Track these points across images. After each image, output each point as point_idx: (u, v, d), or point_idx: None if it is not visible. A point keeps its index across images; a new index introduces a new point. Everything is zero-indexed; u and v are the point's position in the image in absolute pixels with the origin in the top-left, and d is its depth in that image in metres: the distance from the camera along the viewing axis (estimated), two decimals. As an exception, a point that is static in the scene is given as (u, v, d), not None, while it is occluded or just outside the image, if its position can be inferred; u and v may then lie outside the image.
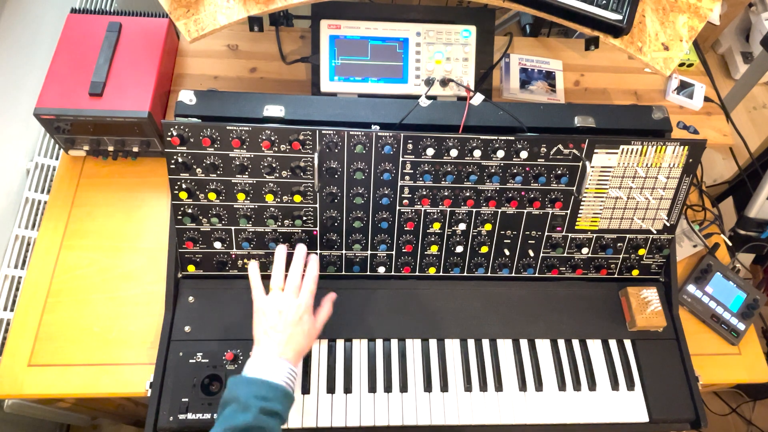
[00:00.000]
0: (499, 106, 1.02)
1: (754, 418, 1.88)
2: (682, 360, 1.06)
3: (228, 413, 0.77)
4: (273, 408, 0.78)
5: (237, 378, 0.81)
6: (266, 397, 0.78)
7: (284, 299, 0.89)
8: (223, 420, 0.77)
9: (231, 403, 0.78)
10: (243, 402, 0.77)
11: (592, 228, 1.08)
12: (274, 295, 0.90)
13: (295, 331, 0.87)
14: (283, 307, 0.88)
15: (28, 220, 1.18)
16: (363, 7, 1.17)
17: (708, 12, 1.05)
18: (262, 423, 0.76)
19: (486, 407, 0.99)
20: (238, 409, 0.77)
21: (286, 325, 0.86)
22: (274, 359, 0.84)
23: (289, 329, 0.86)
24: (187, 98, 0.98)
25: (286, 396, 0.81)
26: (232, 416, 0.76)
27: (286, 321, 0.87)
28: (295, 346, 0.86)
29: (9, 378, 0.97)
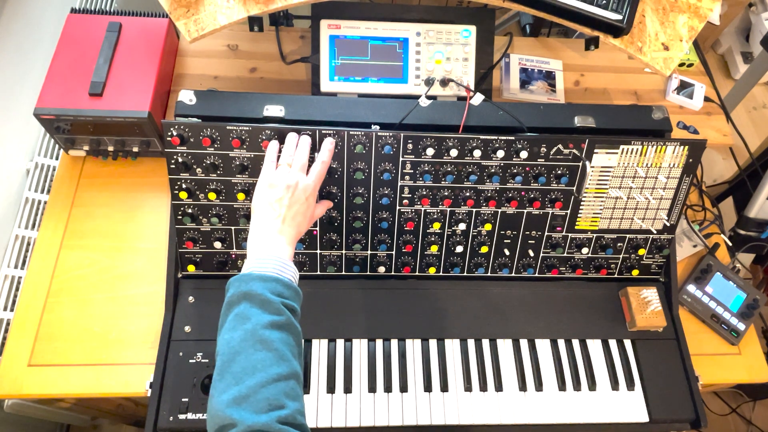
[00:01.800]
0: (499, 106, 1.02)
1: (754, 418, 1.88)
2: (682, 360, 1.06)
3: (244, 311, 0.71)
4: (292, 305, 0.74)
5: (244, 275, 0.75)
6: (283, 293, 0.74)
7: (294, 175, 0.86)
8: (240, 319, 0.70)
9: (241, 302, 0.72)
10: (261, 298, 0.71)
11: (592, 228, 1.08)
12: (284, 170, 0.86)
13: (300, 209, 0.84)
14: (292, 181, 0.85)
15: (28, 220, 1.18)
16: (363, 7, 1.17)
17: (708, 12, 1.05)
18: (290, 320, 0.72)
19: (486, 407, 0.99)
20: (256, 305, 0.71)
21: (292, 201, 0.83)
22: (276, 251, 0.79)
23: (295, 206, 0.83)
24: (187, 98, 0.98)
25: (298, 294, 0.77)
26: (255, 313, 0.70)
27: (293, 196, 0.84)
28: (297, 226, 0.84)
29: (9, 378, 0.97)
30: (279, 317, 0.71)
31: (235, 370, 0.67)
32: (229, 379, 0.67)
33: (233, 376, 0.67)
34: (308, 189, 0.86)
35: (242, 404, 0.64)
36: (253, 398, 0.64)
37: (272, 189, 0.85)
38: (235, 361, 0.68)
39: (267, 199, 0.84)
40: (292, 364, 0.69)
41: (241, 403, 0.64)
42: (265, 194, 0.85)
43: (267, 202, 0.84)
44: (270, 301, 0.72)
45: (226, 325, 0.72)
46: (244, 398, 0.64)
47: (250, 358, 0.68)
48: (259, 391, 0.65)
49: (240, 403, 0.64)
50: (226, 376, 0.67)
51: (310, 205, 0.87)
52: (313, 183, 0.88)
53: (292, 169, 0.87)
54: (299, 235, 0.85)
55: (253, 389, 0.65)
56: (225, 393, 0.65)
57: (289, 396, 0.66)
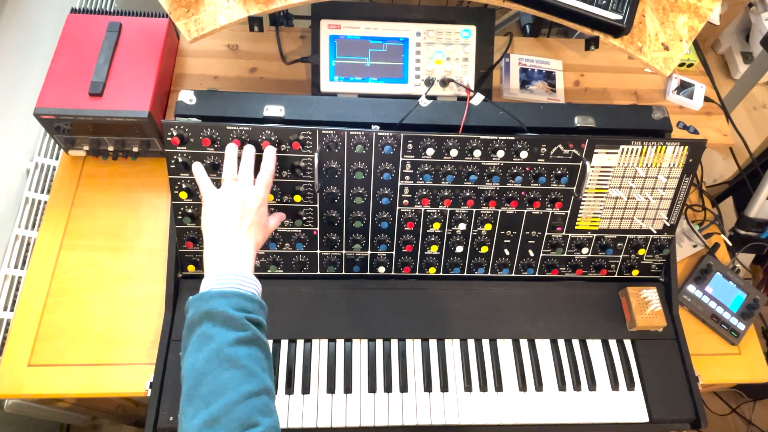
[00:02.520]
0: (499, 106, 1.02)
1: (754, 418, 1.88)
2: (682, 360, 1.06)
3: (206, 331, 0.68)
4: (257, 318, 0.71)
5: (203, 294, 0.72)
6: (246, 308, 0.71)
7: (241, 187, 0.83)
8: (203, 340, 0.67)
9: (203, 322, 0.68)
10: (224, 316, 0.68)
11: (592, 228, 1.08)
12: (229, 184, 0.83)
13: (254, 219, 0.80)
14: (241, 194, 0.81)
15: (28, 220, 1.18)
16: (363, 7, 1.17)
17: (708, 12, 1.05)
18: (256, 334, 0.69)
19: (486, 407, 0.99)
20: (219, 323, 0.68)
21: (245, 212, 0.80)
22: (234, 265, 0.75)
23: (249, 216, 0.80)
24: (187, 98, 0.98)
25: (262, 307, 0.74)
26: (218, 332, 0.67)
27: (245, 207, 0.80)
28: (254, 236, 0.80)
29: (9, 378, 0.97)
30: (244, 333, 0.68)
31: (203, 392, 0.64)
32: (198, 402, 0.64)
33: (202, 399, 0.64)
34: (258, 198, 0.83)
35: (214, 427, 0.61)
36: (225, 419, 0.61)
37: (222, 203, 0.81)
38: (202, 383, 0.65)
39: (218, 213, 0.80)
40: (262, 380, 0.67)
41: (213, 425, 0.61)
42: (215, 209, 0.81)
43: (219, 217, 0.80)
44: (233, 317, 0.69)
45: (189, 347, 0.69)
46: (215, 420, 0.61)
47: (218, 378, 0.65)
48: (230, 411, 0.62)
49: (211, 426, 0.61)
50: (194, 401, 0.64)
51: (262, 215, 0.84)
52: (263, 192, 0.85)
53: (239, 182, 0.84)
54: (257, 246, 0.82)
55: (223, 410, 0.62)
56: (195, 418, 0.62)
57: (262, 412, 0.64)
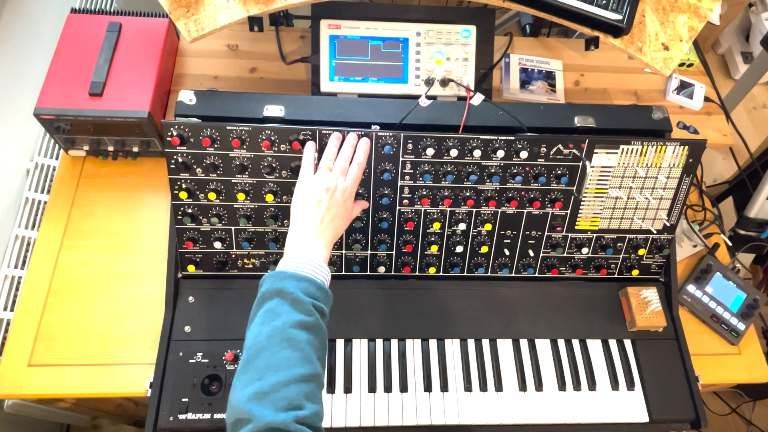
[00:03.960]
0: (499, 106, 1.02)
1: (754, 418, 1.88)
2: (682, 360, 1.06)
3: (275, 307, 0.72)
4: (322, 307, 0.75)
5: (280, 272, 0.77)
6: (314, 295, 0.75)
7: (333, 178, 0.87)
8: (270, 315, 0.72)
9: (274, 297, 0.73)
10: (293, 296, 0.73)
11: (592, 228, 1.08)
12: (323, 173, 0.88)
13: (338, 212, 0.86)
14: (331, 185, 0.86)
15: (28, 220, 1.18)
16: (363, 7, 1.17)
17: (708, 12, 1.05)
18: (319, 322, 0.73)
19: (486, 407, 0.99)
20: (288, 303, 0.72)
21: (331, 204, 0.85)
22: (312, 253, 0.80)
23: (334, 208, 0.85)
24: (187, 98, 0.98)
25: (329, 297, 0.78)
26: (286, 311, 0.72)
27: (332, 199, 0.85)
28: (335, 228, 0.86)
29: (9, 378, 0.97)
30: (308, 318, 0.72)
31: (260, 365, 0.68)
32: (252, 373, 0.67)
33: (257, 370, 0.67)
34: (347, 191, 0.87)
35: (263, 400, 0.64)
36: (274, 395, 0.65)
37: (312, 191, 0.86)
38: (260, 356, 0.69)
39: (306, 201, 0.85)
40: (315, 366, 0.70)
41: (262, 399, 0.64)
42: (305, 196, 0.86)
43: (306, 204, 0.85)
44: (301, 300, 0.73)
45: (256, 320, 0.73)
46: (264, 394, 0.65)
47: (276, 355, 0.68)
48: (280, 390, 0.65)
49: (260, 399, 0.64)
50: (249, 370, 0.68)
51: (347, 207, 0.88)
52: (351, 185, 0.89)
53: (332, 173, 0.88)
54: (336, 236, 0.87)
55: (274, 387, 0.65)
56: (247, 387, 0.66)
57: (309, 398, 0.67)
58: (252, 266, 1.05)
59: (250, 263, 1.04)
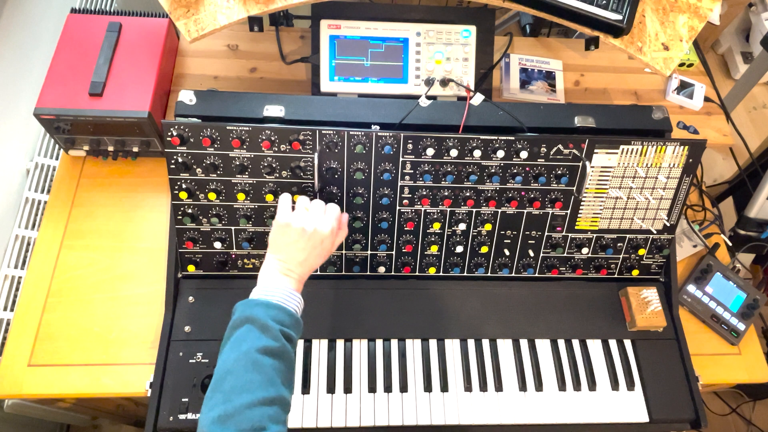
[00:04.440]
0: (499, 106, 1.02)
1: (754, 418, 1.88)
2: (682, 360, 1.06)
3: (244, 334, 0.74)
4: (290, 334, 0.76)
5: (250, 300, 0.79)
6: (283, 321, 0.76)
7: (310, 218, 0.86)
8: (239, 341, 0.74)
9: (244, 324, 0.75)
10: (262, 323, 0.74)
11: (592, 228, 1.08)
12: (300, 212, 0.87)
13: (314, 252, 0.86)
14: (309, 227, 0.85)
15: (28, 220, 1.18)
16: (363, 7, 1.17)
17: (708, 12, 1.05)
18: (285, 348, 0.75)
19: (486, 407, 0.99)
20: (256, 329, 0.74)
21: (306, 245, 0.84)
22: (285, 283, 0.82)
23: (308, 250, 0.85)
24: (187, 98, 0.98)
25: (299, 324, 0.80)
26: (253, 337, 0.73)
27: (308, 242, 0.85)
28: (310, 265, 0.86)
29: (9, 378, 0.97)
30: (275, 343, 0.74)
31: (225, 388, 0.70)
32: (218, 396, 0.70)
33: (223, 394, 0.70)
34: (323, 234, 0.86)
35: (226, 423, 0.67)
36: (238, 418, 0.67)
37: (287, 229, 0.85)
38: (226, 379, 0.71)
39: (281, 240, 0.85)
40: (279, 390, 0.72)
41: (226, 421, 0.67)
42: (280, 234, 0.86)
43: (282, 243, 0.85)
44: (269, 327, 0.75)
45: (226, 346, 0.75)
46: (229, 417, 0.67)
47: (241, 378, 0.70)
48: (243, 412, 0.67)
49: (224, 421, 0.67)
50: (216, 394, 0.70)
51: (325, 247, 0.87)
52: (330, 229, 0.87)
53: (309, 213, 0.87)
54: (312, 270, 0.87)
55: (238, 409, 0.67)
56: (212, 410, 0.68)
57: (273, 420, 0.68)
58: (252, 266, 1.05)
59: (250, 263, 1.04)
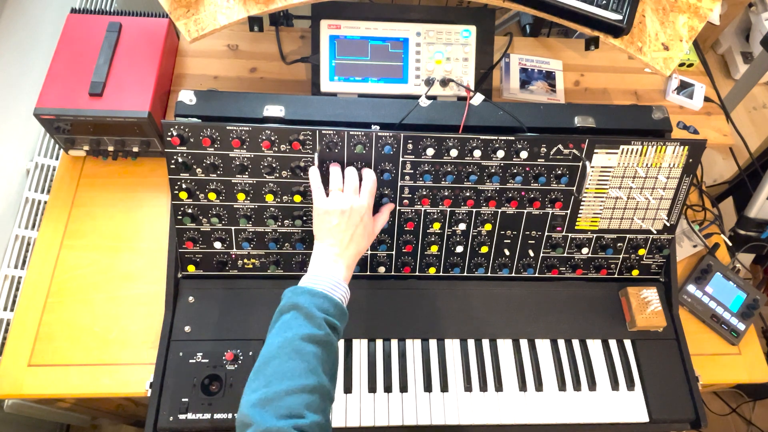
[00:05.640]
0: (499, 106, 1.02)
1: (754, 418, 1.88)
2: (682, 360, 1.06)
3: (289, 320, 0.76)
4: (335, 323, 0.77)
5: (298, 288, 0.81)
6: (328, 311, 0.78)
7: (346, 199, 0.89)
8: (284, 327, 0.76)
9: (290, 311, 0.77)
10: (307, 311, 0.76)
11: (592, 228, 1.08)
12: (335, 195, 0.89)
13: (357, 231, 0.87)
14: (346, 206, 0.87)
15: (28, 220, 1.18)
16: (363, 7, 1.17)
17: (708, 12, 1.05)
18: (329, 337, 0.76)
19: (486, 407, 0.99)
20: (301, 317, 0.76)
21: (348, 225, 0.87)
22: (332, 271, 0.83)
23: (351, 229, 0.87)
24: (187, 98, 0.98)
25: (344, 314, 0.81)
26: (298, 324, 0.75)
27: (349, 221, 0.87)
28: (357, 247, 0.88)
29: (9, 378, 0.97)
30: (319, 332, 0.75)
31: (267, 373, 0.72)
32: (261, 380, 0.71)
33: (265, 378, 0.71)
34: (362, 209, 0.89)
35: (265, 407, 0.68)
36: (277, 403, 0.68)
37: (327, 216, 0.87)
38: (269, 364, 0.72)
39: (324, 226, 0.87)
40: (321, 378, 0.72)
41: (265, 405, 0.68)
42: (322, 222, 0.88)
43: (325, 229, 0.87)
44: (314, 315, 0.76)
45: (272, 331, 0.77)
46: (268, 401, 0.68)
47: (283, 364, 0.72)
48: (283, 398, 0.68)
49: (264, 405, 0.68)
50: (259, 377, 0.72)
51: (366, 224, 0.89)
52: (367, 203, 0.90)
53: (344, 194, 0.90)
54: (360, 254, 0.89)
55: (278, 394, 0.68)
56: (254, 393, 0.70)
57: (311, 408, 0.69)
58: (252, 266, 1.05)
59: (250, 263, 1.04)
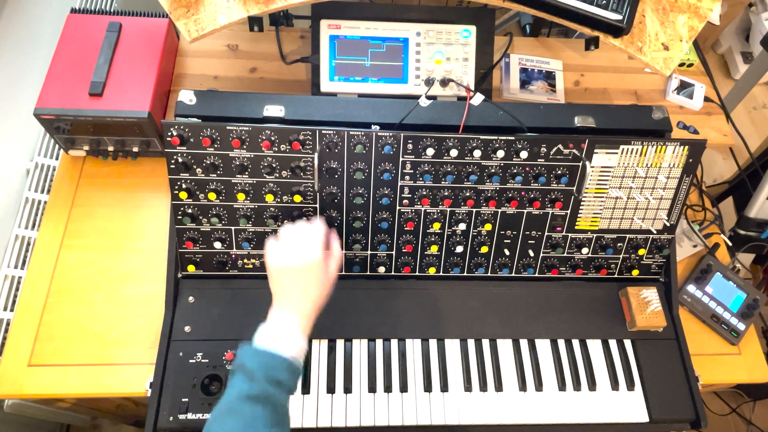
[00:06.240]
0: (499, 106, 1.02)
1: (754, 418, 1.88)
2: (682, 360, 1.06)
3: (233, 381, 0.77)
4: (277, 377, 0.77)
5: (246, 347, 0.80)
6: (271, 366, 0.77)
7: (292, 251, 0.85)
8: (230, 388, 0.77)
9: (238, 371, 0.78)
10: (248, 370, 0.77)
11: (592, 228, 1.08)
12: (282, 248, 0.86)
13: (309, 283, 0.84)
14: (291, 259, 0.84)
15: (28, 220, 1.18)
16: (363, 7, 1.17)
17: (708, 12, 1.05)
18: (267, 391, 0.75)
19: (486, 407, 0.99)
20: (244, 377, 0.76)
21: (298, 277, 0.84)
22: (284, 326, 0.81)
23: (301, 281, 0.84)
24: (187, 98, 0.98)
25: (290, 367, 0.79)
26: (239, 384, 0.76)
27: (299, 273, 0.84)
28: (312, 298, 0.84)
29: (9, 378, 0.97)
30: (257, 390, 0.74)
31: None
32: None
33: None
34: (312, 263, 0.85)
35: None
36: None
37: (277, 272, 0.85)
38: (211, 428, 0.72)
39: (277, 284, 0.85)
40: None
41: None
42: (273, 278, 0.85)
43: (278, 286, 0.85)
44: (254, 373, 0.75)
45: (224, 392, 0.77)
46: None
47: (222, 426, 0.72)
48: None
49: None
50: None
51: (317, 275, 0.85)
52: (317, 258, 0.86)
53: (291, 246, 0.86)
54: (316, 303, 0.85)
55: None
56: None
57: None
58: (252, 266, 1.05)
59: (250, 263, 1.04)
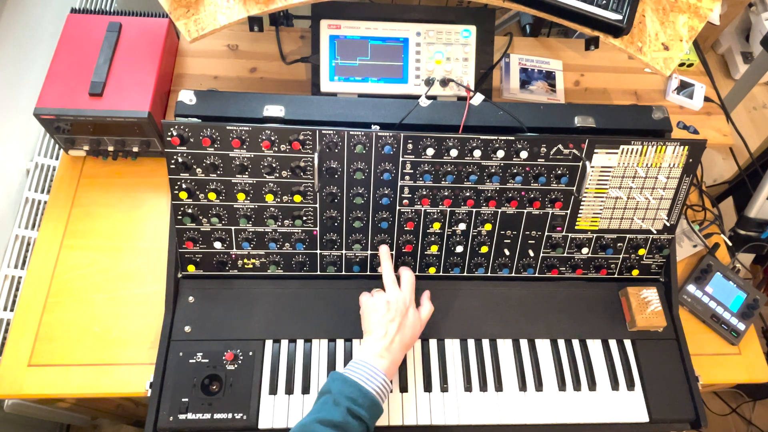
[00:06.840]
0: (499, 106, 1.02)
1: (754, 418, 1.88)
2: (682, 360, 1.06)
3: (321, 404, 0.82)
4: (359, 412, 0.81)
5: (338, 374, 0.86)
6: (356, 400, 0.82)
7: (388, 293, 0.96)
8: (316, 409, 0.82)
9: (325, 394, 0.83)
10: (334, 397, 0.82)
11: (592, 228, 1.08)
12: (377, 293, 0.97)
13: (404, 322, 0.93)
14: (390, 298, 0.95)
15: (28, 220, 1.18)
16: (363, 7, 1.17)
17: (708, 12, 1.05)
18: (348, 423, 0.80)
19: (486, 407, 0.99)
20: (329, 402, 0.81)
21: (395, 314, 0.93)
22: (373, 363, 0.87)
23: (398, 319, 0.92)
24: (187, 98, 0.98)
25: (373, 405, 0.84)
26: (324, 408, 0.81)
27: (395, 310, 0.93)
28: (402, 338, 0.92)
29: (9, 378, 0.97)
30: (338, 418, 0.79)
31: None
32: None
33: None
34: (405, 300, 0.95)
35: None
36: None
37: (375, 311, 0.94)
38: None
39: (371, 319, 0.93)
40: None
41: None
42: (369, 314, 0.94)
43: (372, 322, 0.93)
44: (339, 402, 0.81)
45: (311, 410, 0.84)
46: None
47: None
48: None
49: None
50: None
51: (411, 315, 0.95)
52: (408, 295, 0.96)
53: (386, 290, 0.97)
54: (407, 346, 0.93)
55: None
56: None
57: None
58: (252, 266, 1.05)
59: (250, 263, 1.04)
